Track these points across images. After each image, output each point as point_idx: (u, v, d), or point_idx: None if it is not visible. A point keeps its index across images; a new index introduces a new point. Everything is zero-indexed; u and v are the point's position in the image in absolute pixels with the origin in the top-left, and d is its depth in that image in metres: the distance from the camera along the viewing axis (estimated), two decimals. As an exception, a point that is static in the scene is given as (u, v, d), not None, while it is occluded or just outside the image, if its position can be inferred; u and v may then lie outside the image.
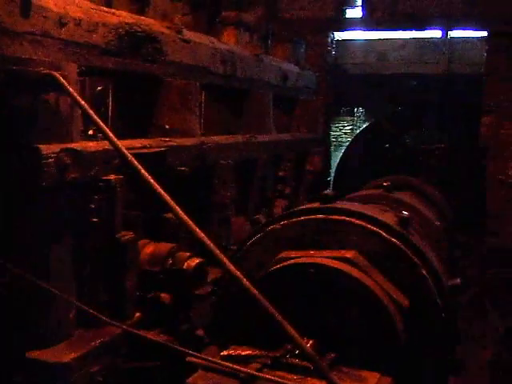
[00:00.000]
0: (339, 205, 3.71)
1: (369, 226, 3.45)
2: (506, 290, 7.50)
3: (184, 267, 3.82)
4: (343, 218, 3.49)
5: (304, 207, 3.83)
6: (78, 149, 3.27)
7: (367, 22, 9.34)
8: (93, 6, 3.82)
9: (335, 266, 3.17)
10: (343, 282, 3.14)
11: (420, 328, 3.26)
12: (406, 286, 3.30)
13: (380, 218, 3.55)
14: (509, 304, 6.94)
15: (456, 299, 3.75)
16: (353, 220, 3.48)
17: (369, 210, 3.80)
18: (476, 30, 9.17)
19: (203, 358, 2.81)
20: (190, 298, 3.97)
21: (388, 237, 3.41)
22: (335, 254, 3.31)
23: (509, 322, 6.35)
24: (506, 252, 8.24)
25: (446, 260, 4.91)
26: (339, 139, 10.91)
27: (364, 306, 3.12)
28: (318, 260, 3.24)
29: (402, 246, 3.38)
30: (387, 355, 3.07)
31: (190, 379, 2.82)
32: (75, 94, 3.06)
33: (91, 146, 3.47)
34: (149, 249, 3.90)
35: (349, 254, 3.29)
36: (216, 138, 5.09)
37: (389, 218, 3.72)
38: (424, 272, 3.34)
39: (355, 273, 3.17)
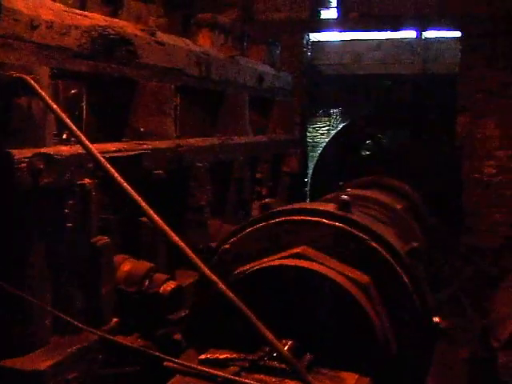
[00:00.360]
0: (279, 208, 3.75)
1: (310, 218, 3.50)
2: (483, 288, 7.57)
3: (160, 291, 3.79)
4: (285, 218, 3.54)
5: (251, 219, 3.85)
6: (51, 153, 3.23)
7: (342, 23, 9.39)
8: (65, 8, 3.79)
9: (289, 264, 3.22)
10: (300, 277, 3.19)
11: (386, 299, 3.30)
12: (363, 264, 3.34)
13: (320, 207, 3.62)
14: (486, 301, 7.00)
15: (418, 263, 3.78)
16: (295, 217, 3.53)
17: (310, 205, 3.87)
18: (450, 30, 9.27)
19: (180, 363, 2.78)
20: (165, 321, 3.96)
21: (331, 222, 3.46)
22: (287, 253, 3.37)
23: (486, 320, 6.40)
24: (481, 250, 8.33)
25: (408, 233, 4.99)
26: (316, 140, 10.95)
27: (324, 293, 3.15)
28: (274, 262, 3.29)
29: (346, 226, 3.43)
30: (359, 330, 3.13)
31: (168, 384, 2.80)
32: (47, 98, 3.03)
33: (65, 150, 3.43)
34: (126, 266, 3.85)
35: (298, 249, 3.34)
36: (192, 141, 5.06)
37: (328, 206, 3.77)
38: (373, 244, 3.37)
39: (307, 264, 3.23)
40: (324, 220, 3.48)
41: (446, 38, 9.75)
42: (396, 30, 9.64)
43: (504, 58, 8.25)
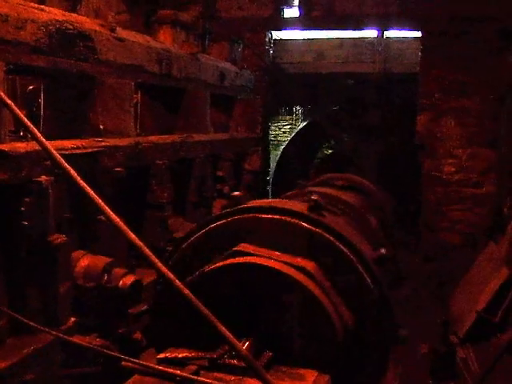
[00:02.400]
0: (251, 204, 3.74)
1: (279, 217, 3.48)
2: (442, 284, 7.66)
3: (119, 285, 3.74)
4: (254, 215, 3.52)
5: (218, 214, 3.82)
6: (6, 150, 3.17)
7: (305, 22, 9.40)
8: (21, 1, 3.71)
9: (255, 262, 3.20)
10: (262, 276, 3.17)
11: (349, 302, 3.31)
12: (328, 266, 3.35)
13: (289, 207, 3.60)
14: (445, 298, 7.09)
15: (384, 268, 3.81)
16: (265, 215, 3.51)
17: (279, 203, 3.85)
18: (410, 29, 9.35)
19: (138, 363, 2.75)
20: (124, 316, 3.91)
21: (299, 222, 3.44)
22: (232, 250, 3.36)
23: (445, 316, 6.49)
24: (441, 247, 8.44)
25: (373, 235, 5.03)
26: (279, 138, 10.96)
27: (287, 292, 3.14)
28: (239, 260, 3.27)
29: (314, 228, 3.42)
30: (317, 328, 3.13)
31: (125, 384, 2.77)
32: (1, 93, 2.95)
33: (21, 146, 3.37)
34: (84, 262, 3.79)
35: (240, 247, 3.34)
36: (152, 138, 5.02)
37: (298, 206, 3.76)
38: (341, 246, 3.38)
39: (272, 264, 3.20)
40: (290, 219, 3.47)
41: (407, 37, 9.85)
42: (358, 29, 9.69)
43: (462, 57, 8.36)
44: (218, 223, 3.55)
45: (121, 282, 3.76)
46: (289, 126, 10.94)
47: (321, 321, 3.13)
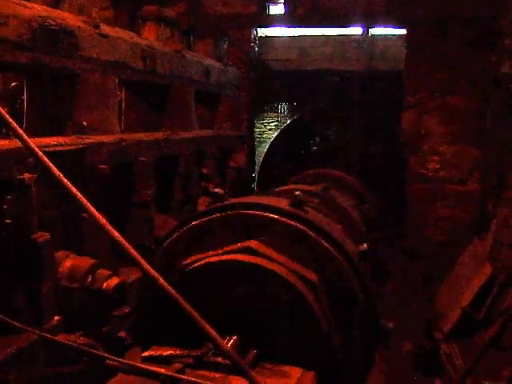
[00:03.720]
0: (234, 201, 3.74)
1: (263, 213, 3.48)
2: (427, 281, 7.70)
3: (103, 287, 3.72)
4: (238, 212, 3.52)
5: (207, 208, 3.82)
6: (-12, 147, 3.14)
7: (290, 19, 9.40)
8: (4, -3, 3.67)
9: (236, 259, 3.21)
10: (248, 273, 3.18)
11: (334, 299, 3.32)
12: (312, 262, 3.36)
13: (272, 204, 3.60)
14: (429, 295, 7.13)
15: (365, 264, 3.83)
16: (248, 212, 3.51)
17: (263, 200, 3.86)
18: (395, 27, 9.38)
19: (122, 362, 2.73)
20: (109, 318, 3.88)
21: (282, 219, 3.45)
22: (237, 246, 3.35)
23: (429, 312, 6.52)
24: (426, 244, 8.48)
25: (355, 231, 5.04)
26: (264, 135, 10.96)
27: (273, 290, 3.15)
28: (221, 257, 3.27)
29: (298, 224, 3.43)
30: (303, 327, 3.13)
31: (109, 383, 2.75)
32: (-17, 90, 2.92)
33: (3, 144, 3.33)
34: (68, 262, 3.75)
35: (248, 244, 3.33)
36: (136, 135, 4.99)
37: (282, 202, 3.77)
38: (325, 243, 3.39)
39: (256, 260, 3.21)
40: (276, 216, 3.47)
41: (392, 35, 9.88)
42: (343, 27, 9.71)
43: (447, 56, 8.40)
44: (201, 220, 3.54)
45: (105, 284, 3.72)
46: (274, 124, 10.94)
47: (306, 318, 3.13)
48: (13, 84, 5.72)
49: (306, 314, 3.14)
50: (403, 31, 9.05)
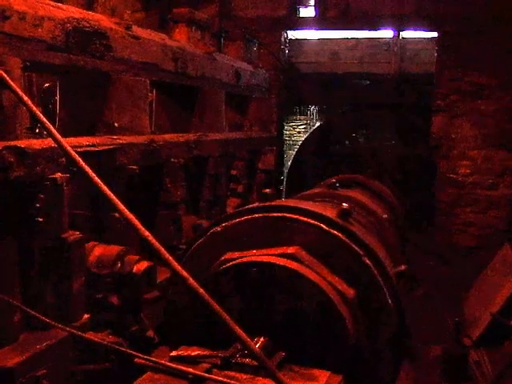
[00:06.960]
0: (279, 203, 3.71)
1: (309, 220, 3.44)
2: (456, 287, 7.62)
3: (133, 271, 3.76)
4: (283, 214, 3.48)
5: (246, 207, 3.81)
6: (22, 146, 3.18)
7: (320, 22, 9.40)
8: (38, -1, 3.73)
9: (279, 263, 3.17)
10: (287, 278, 3.13)
11: (368, 317, 3.27)
12: (350, 277, 3.30)
13: (320, 211, 3.55)
14: (458, 300, 7.06)
15: (403, 285, 3.78)
16: (293, 216, 3.46)
17: (309, 205, 3.80)
18: (426, 30, 9.31)
19: (151, 360, 2.75)
20: (139, 302, 3.91)
21: (328, 229, 3.41)
22: (278, 251, 3.30)
23: (458, 318, 6.45)
24: (455, 249, 8.40)
25: (392, 248, 4.97)
26: (293, 138, 10.93)
27: (310, 300, 3.12)
28: (263, 258, 3.23)
29: (343, 237, 3.38)
30: (336, 348, 3.08)
31: (137, 381, 2.77)
32: (18, 90, 2.97)
33: (36, 143, 3.37)
34: (97, 251, 3.81)
35: (291, 250, 3.29)
36: (166, 136, 5.02)
37: (329, 211, 3.72)
38: (367, 261, 3.34)
39: (299, 268, 3.16)
40: (322, 225, 3.42)
41: (423, 38, 9.81)
42: (374, 30, 9.66)
43: (478, 58, 8.32)
44: (236, 221, 3.53)
45: (134, 267, 3.77)
46: (303, 126, 10.91)
47: (335, 324, 3.11)
48: (46, 85, 5.80)
49: (341, 335, 3.10)
50: (434, 34, 8.99)
